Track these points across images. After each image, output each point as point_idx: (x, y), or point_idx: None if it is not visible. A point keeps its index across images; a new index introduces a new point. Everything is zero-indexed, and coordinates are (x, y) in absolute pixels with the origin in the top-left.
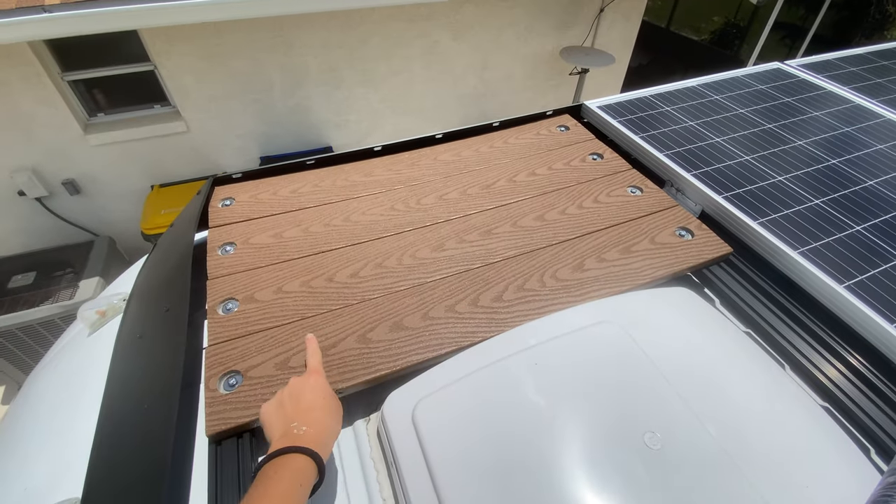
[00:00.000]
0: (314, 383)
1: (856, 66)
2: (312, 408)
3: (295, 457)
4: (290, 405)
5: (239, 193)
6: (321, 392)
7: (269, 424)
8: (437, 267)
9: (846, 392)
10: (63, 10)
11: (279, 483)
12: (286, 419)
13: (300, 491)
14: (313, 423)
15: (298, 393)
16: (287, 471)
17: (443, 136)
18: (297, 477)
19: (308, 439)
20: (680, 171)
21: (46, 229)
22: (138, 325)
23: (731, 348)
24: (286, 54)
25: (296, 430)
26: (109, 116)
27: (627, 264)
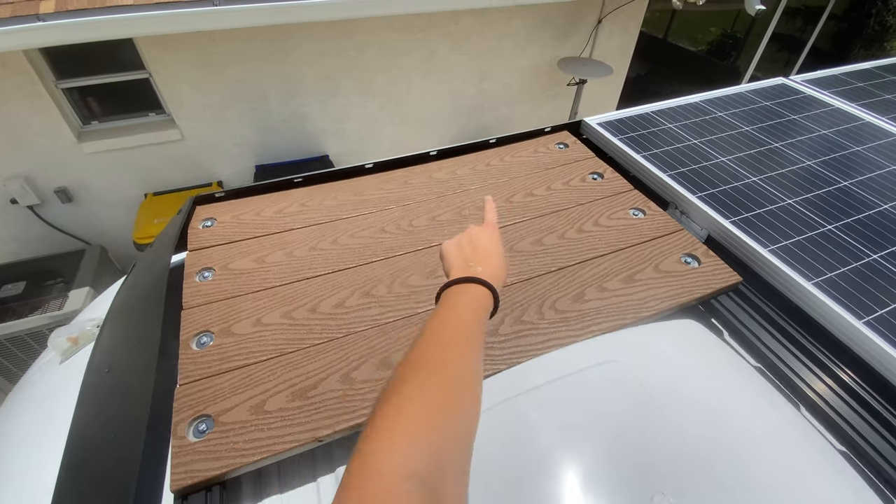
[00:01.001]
0: (491, 233)
1: (863, 81)
2: (488, 254)
3: (475, 286)
4: (468, 248)
5: (221, 213)
6: (497, 242)
7: (448, 260)
8: (428, 295)
9: (865, 437)
10: (58, 18)
11: (466, 305)
12: (465, 259)
13: (482, 313)
14: (488, 266)
15: (477, 239)
16: (469, 296)
17: (437, 153)
18: (478, 301)
19: (484, 276)
20: (684, 192)
21: (38, 238)
22: (108, 357)
23: (744, 390)
24: (283, 62)
25: (473, 268)
26: (103, 124)
27: (631, 294)
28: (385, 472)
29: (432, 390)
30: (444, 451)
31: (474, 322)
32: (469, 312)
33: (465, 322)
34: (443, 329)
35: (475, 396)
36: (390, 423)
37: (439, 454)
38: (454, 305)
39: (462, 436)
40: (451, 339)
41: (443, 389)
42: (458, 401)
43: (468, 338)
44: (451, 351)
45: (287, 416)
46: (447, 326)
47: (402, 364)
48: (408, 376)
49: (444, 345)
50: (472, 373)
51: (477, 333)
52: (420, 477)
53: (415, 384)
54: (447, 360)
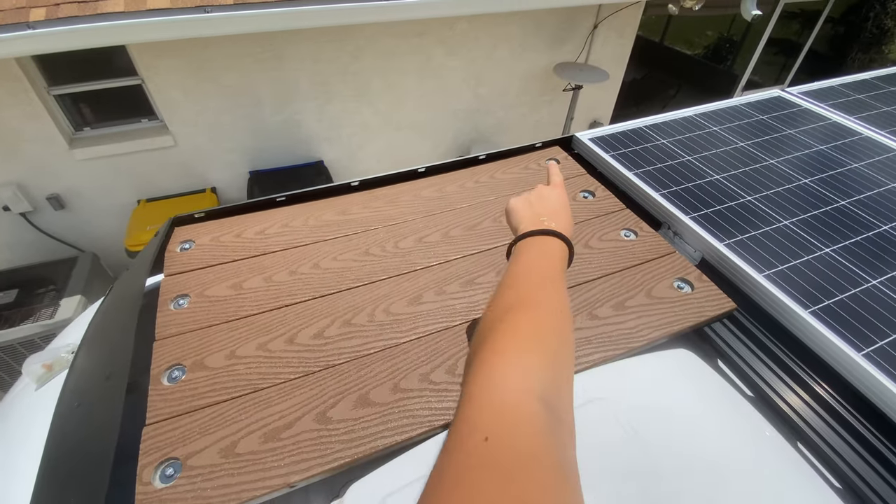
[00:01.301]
0: (560, 193)
1: (861, 92)
2: (558, 210)
3: (551, 238)
4: (538, 204)
5: (201, 235)
6: (565, 201)
7: (518, 214)
8: (412, 324)
9: (861, 474)
10: (48, 26)
11: (548, 252)
12: (535, 214)
13: (563, 262)
14: (561, 222)
15: (547, 196)
16: (548, 245)
17: (425, 170)
18: (559, 249)
19: (555, 227)
20: (677, 213)
21: (30, 245)
22: (78, 390)
23: (739, 425)
24: (277, 68)
25: (546, 222)
26: (96, 130)
27: (621, 323)
28: (512, 388)
29: (541, 318)
30: (562, 379)
31: (560, 269)
32: (555, 259)
33: (553, 267)
34: (530, 273)
35: (572, 336)
36: (508, 344)
37: (558, 381)
38: (537, 253)
39: (571, 370)
40: (543, 281)
41: (550, 318)
42: (566, 331)
43: (558, 281)
44: (546, 289)
45: (258, 460)
46: (536, 271)
47: (494, 309)
48: (511, 310)
49: (538, 285)
50: (569, 311)
51: (562, 279)
52: (546, 400)
53: (520, 315)
54: (546, 297)
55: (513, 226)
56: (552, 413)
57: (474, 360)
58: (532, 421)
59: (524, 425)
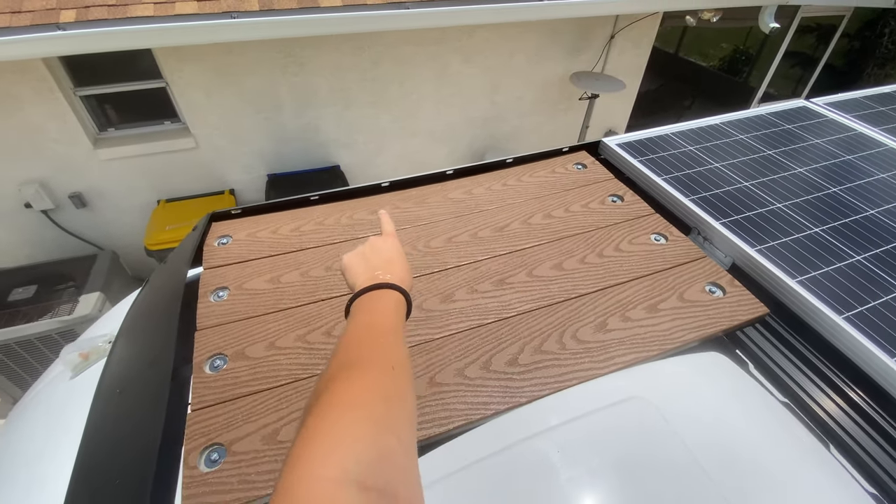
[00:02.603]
0: (393, 243)
1: (885, 105)
2: (393, 261)
3: (389, 291)
4: (373, 257)
5: (237, 231)
6: (399, 251)
7: (353, 271)
8: (445, 321)
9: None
10: (78, 28)
11: (385, 307)
12: (371, 267)
13: (401, 315)
14: (396, 273)
15: (380, 248)
16: (386, 300)
17: (453, 172)
18: (396, 303)
19: (393, 280)
20: (708, 218)
21: (51, 242)
22: (119, 377)
23: (772, 429)
24: (297, 74)
25: (381, 276)
26: (119, 131)
27: (654, 325)
28: (320, 478)
29: (367, 383)
30: (390, 448)
31: (397, 322)
32: (390, 314)
33: (388, 322)
34: (366, 332)
35: (412, 396)
36: (322, 423)
37: (384, 452)
38: (372, 310)
39: (404, 430)
40: (377, 338)
41: (378, 381)
42: (399, 390)
43: (394, 336)
44: (379, 346)
45: None
46: (371, 329)
47: (323, 375)
48: (334, 379)
49: (371, 344)
50: (407, 370)
51: (400, 333)
52: (363, 481)
53: (344, 384)
54: (379, 355)
55: (349, 283)
56: (373, 493)
57: (294, 442)
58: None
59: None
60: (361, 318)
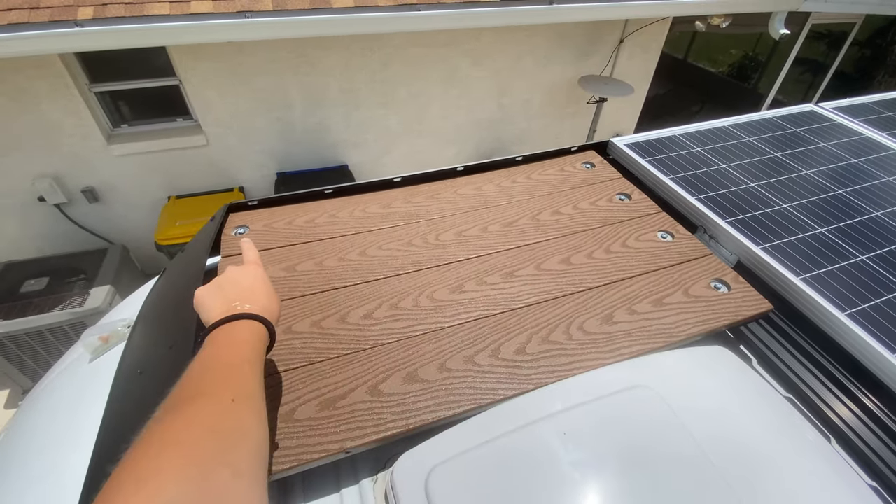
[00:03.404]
0: (254, 271)
1: (893, 110)
2: (254, 290)
3: (245, 321)
4: (230, 288)
5: (254, 221)
6: (261, 279)
7: (206, 305)
8: (455, 311)
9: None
10: (95, 25)
11: (237, 337)
12: (227, 300)
13: (257, 345)
14: (256, 302)
15: (239, 278)
16: (239, 330)
17: (464, 169)
18: (251, 333)
19: (252, 311)
20: (714, 217)
21: (63, 235)
22: (140, 359)
23: (775, 421)
24: (308, 74)
25: (239, 307)
26: (133, 128)
27: (660, 318)
28: None
29: (198, 420)
30: (219, 488)
31: (251, 354)
32: (242, 345)
33: (239, 353)
34: (210, 364)
35: (256, 427)
36: (139, 463)
37: (210, 492)
38: (221, 343)
39: (247, 466)
40: (221, 370)
41: (212, 419)
42: (235, 430)
43: (247, 367)
44: (221, 381)
45: (316, 426)
46: (215, 361)
47: (160, 407)
48: (168, 411)
49: (213, 377)
50: (252, 401)
51: (255, 364)
52: None
53: (172, 417)
54: (217, 390)
55: (203, 319)
56: None
57: (107, 482)
58: None
59: None
60: (208, 351)
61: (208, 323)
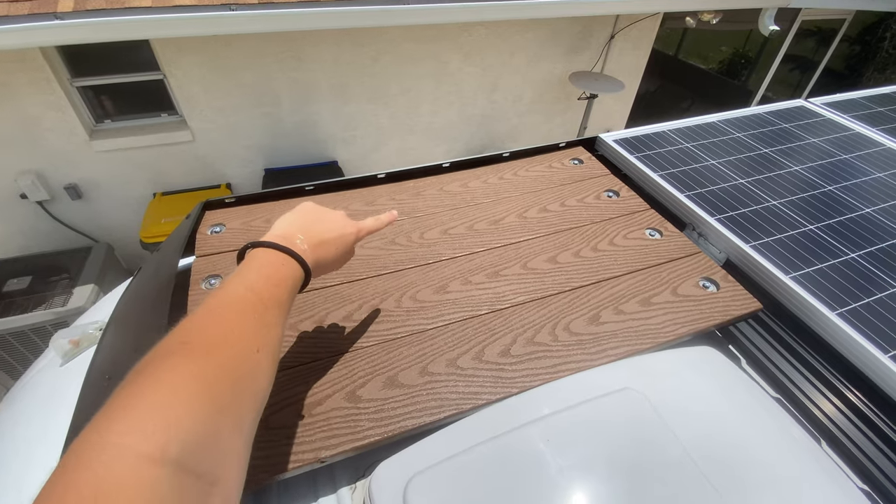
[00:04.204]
0: (352, 229)
1: (883, 105)
2: (325, 241)
3: (295, 263)
4: (310, 220)
5: (231, 219)
6: (343, 241)
7: (280, 220)
8: (438, 312)
9: (889, 475)
10: (76, 17)
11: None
12: (295, 226)
13: (293, 292)
14: (316, 249)
15: (329, 219)
16: (284, 273)
17: (450, 165)
18: (293, 281)
19: (305, 255)
20: (703, 214)
21: (45, 233)
22: (109, 364)
23: (764, 423)
24: (296, 69)
25: (299, 242)
26: (116, 123)
27: (648, 318)
28: (125, 451)
29: (222, 364)
30: (222, 434)
31: (288, 299)
32: (283, 282)
33: (280, 296)
34: (250, 300)
35: (267, 379)
36: (140, 391)
37: (214, 436)
38: (266, 274)
39: (248, 419)
40: (258, 311)
41: (232, 361)
42: (251, 380)
43: (277, 311)
44: (253, 325)
45: (290, 434)
46: (258, 298)
47: (184, 328)
48: (192, 341)
49: (247, 318)
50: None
51: (286, 310)
52: (184, 462)
53: (199, 354)
54: (247, 336)
55: (273, 227)
56: (190, 477)
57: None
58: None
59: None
60: (252, 279)
61: (270, 235)
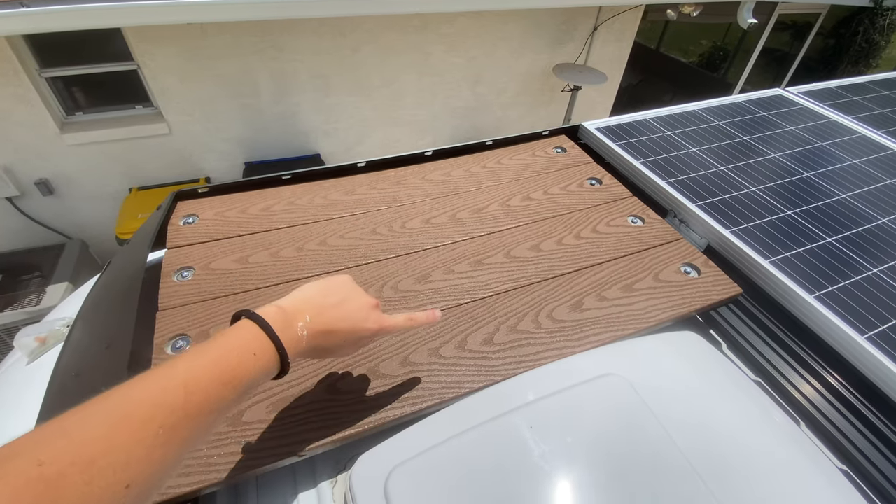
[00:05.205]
0: (364, 322)
1: (857, 95)
2: (333, 331)
3: (275, 353)
4: (331, 302)
5: (204, 210)
6: (355, 336)
7: (296, 294)
8: (421, 301)
9: (867, 455)
10: (42, 5)
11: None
12: (311, 303)
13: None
14: (317, 336)
15: (348, 307)
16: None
17: (432, 154)
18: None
19: (298, 344)
20: (684, 200)
21: (16, 231)
22: (76, 360)
23: (744, 405)
24: (275, 59)
25: (300, 326)
26: (88, 115)
27: (630, 304)
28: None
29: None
30: None
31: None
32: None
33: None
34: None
35: None
36: None
37: None
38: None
39: None
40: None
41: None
42: None
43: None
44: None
45: (267, 429)
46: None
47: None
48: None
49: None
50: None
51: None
52: None
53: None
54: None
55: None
56: None
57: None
58: None
59: None
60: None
61: (276, 305)
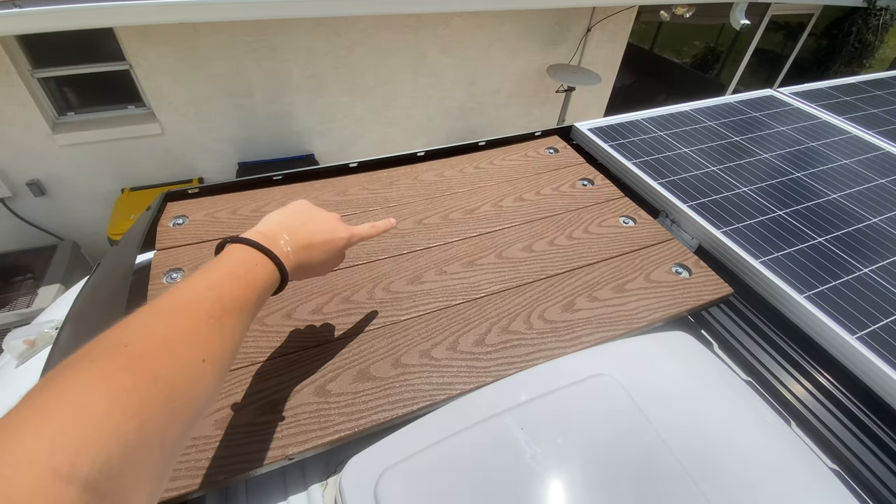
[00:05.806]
0: (336, 232)
1: (848, 95)
2: (312, 245)
3: (273, 267)
4: (300, 220)
5: (194, 211)
6: (332, 246)
7: (266, 218)
8: (412, 302)
9: (858, 454)
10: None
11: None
12: (282, 225)
13: (263, 296)
14: (300, 252)
15: (318, 222)
16: (257, 275)
17: (425, 154)
18: (265, 285)
19: (287, 257)
20: (675, 201)
21: (7, 232)
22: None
23: (735, 405)
24: (269, 59)
25: (282, 242)
26: (80, 116)
27: (621, 305)
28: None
29: (160, 376)
30: (137, 447)
31: (256, 302)
32: (255, 290)
33: (246, 299)
34: (208, 303)
35: (208, 394)
36: (58, 399)
37: (127, 452)
38: (238, 276)
39: (176, 437)
40: (217, 317)
41: (174, 379)
42: (187, 395)
43: (239, 316)
44: (206, 332)
45: (255, 432)
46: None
47: (124, 328)
48: (132, 343)
49: (203, 323)
50: (220, 366)
51: (249, 313)
52: (86, 479)
53: (137, 362)
54: (198, 344)
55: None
56: (97, 496)
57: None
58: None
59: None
60: (218, 276)
61: (253, 231)
